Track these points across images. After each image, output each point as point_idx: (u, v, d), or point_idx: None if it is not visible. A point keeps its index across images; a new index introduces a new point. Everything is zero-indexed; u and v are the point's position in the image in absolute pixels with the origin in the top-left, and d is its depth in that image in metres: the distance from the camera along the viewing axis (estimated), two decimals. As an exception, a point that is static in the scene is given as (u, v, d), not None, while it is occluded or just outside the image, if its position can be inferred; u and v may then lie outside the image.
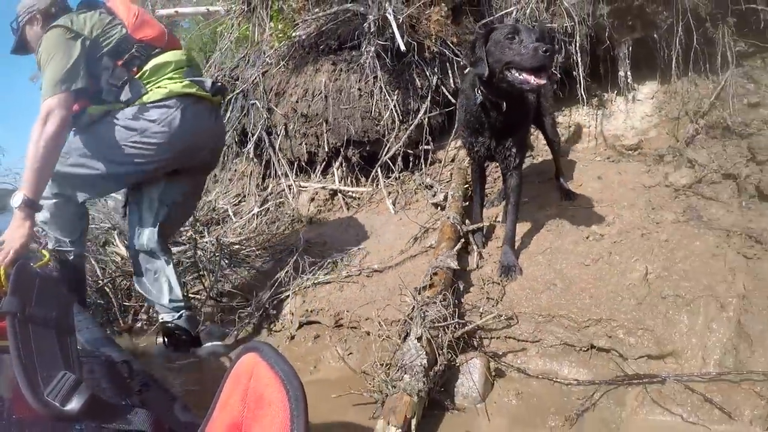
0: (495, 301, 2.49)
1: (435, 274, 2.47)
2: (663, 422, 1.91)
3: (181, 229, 4.61)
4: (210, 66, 7.01)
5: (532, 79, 2.26)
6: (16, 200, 2.24)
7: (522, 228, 3.01)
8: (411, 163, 4.46)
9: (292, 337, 2.96)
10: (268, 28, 4.93)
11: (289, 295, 3.18)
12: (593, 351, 2.22)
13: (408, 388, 1.79)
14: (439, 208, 3.68)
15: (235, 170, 6.13)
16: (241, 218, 5.00)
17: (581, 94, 4.10)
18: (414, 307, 2.25)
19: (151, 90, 2.62)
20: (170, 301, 2.84)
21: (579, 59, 4.00)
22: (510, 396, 2.10)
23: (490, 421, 1.99)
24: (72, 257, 2.86)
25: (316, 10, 5.20)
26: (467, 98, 2.75)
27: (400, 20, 4.09)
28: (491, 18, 4.35)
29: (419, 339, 2.01)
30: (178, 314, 2.84)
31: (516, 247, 2.82)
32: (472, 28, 4.40)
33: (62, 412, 0.99)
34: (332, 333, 2.85)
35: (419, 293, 2.35)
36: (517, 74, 2.31)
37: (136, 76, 2.63)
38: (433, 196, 3.82)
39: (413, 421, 1.74)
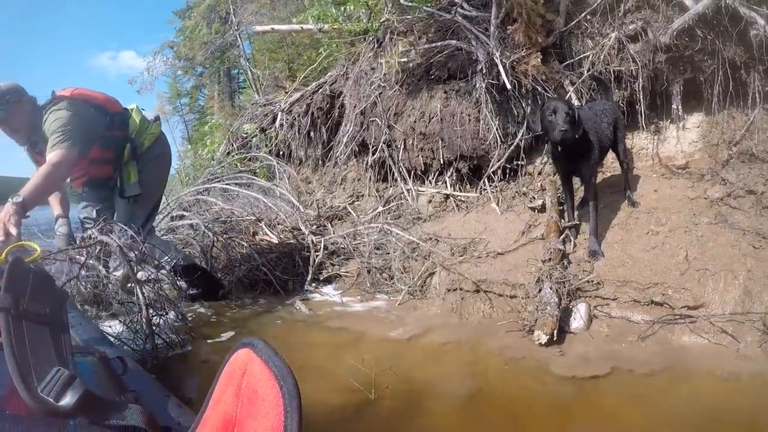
0: (587, 273, 3.82)
1: (551, 252, 3.84)
2: (696, 342, 3.23)
3: (308, 221, 6.04)
4: (302, 75, 8.88)
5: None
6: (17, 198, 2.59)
7: (600, 225, 4.28)
8: (507, 175, 5.65)
9: (443, 299, 4.22)
10: (396, 62, 6.06)
11: (436, 271, 4.50)
12: (653, 304, 3.53)
13: (551, 313, 3.22)
14: (535, 210, 4.88)
15: (335, 174, 7.53)
16: (366, 215, 6.19)
17: (642, 123, 5.30)
18: (543, 270, 3.64)
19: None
20: None
21: (641, 95, 5.21)
22: (603, 327, 3.47)
23: (593, 337, 3.37)
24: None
25: (420, 40, 6.32)
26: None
27: (506, 64, 5.33)
28: (572, 60, 5.58)
29: (551, 288, 3.40)
30: None
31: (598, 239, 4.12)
32: (557, 68, 5.54)
33: (56, 407, 1.00)
34: (472, 296, 4.10)
35: (544, 263, 3.75)
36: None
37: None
38: (531, 201, 5.02)
39: (555, 332, 3.17)
